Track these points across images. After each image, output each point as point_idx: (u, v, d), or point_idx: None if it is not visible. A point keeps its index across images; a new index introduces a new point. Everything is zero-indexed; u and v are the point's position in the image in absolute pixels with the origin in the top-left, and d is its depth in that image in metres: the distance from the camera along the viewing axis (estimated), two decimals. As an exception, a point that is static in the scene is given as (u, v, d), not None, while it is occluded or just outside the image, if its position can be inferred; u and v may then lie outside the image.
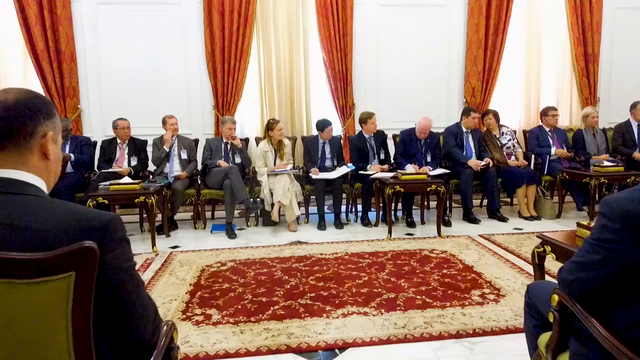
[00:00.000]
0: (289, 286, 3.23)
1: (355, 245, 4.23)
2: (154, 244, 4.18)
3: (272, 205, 4.71)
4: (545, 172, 5.49)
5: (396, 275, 3.44)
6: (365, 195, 5.01)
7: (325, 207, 5.15)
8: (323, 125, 5.10)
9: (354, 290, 3.13)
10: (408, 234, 4.66)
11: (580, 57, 6.60)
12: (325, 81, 6.16)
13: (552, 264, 3.18)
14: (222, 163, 4.85)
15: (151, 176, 4.99)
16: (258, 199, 4.92)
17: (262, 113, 6.07)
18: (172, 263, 3.81)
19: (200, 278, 3.43)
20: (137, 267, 3.61)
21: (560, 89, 6.78)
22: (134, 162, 4.96)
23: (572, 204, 5.59)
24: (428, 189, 4.52)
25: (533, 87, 6.69)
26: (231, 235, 4.54)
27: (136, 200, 4.08)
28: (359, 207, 5.19)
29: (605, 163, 4.95)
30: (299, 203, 4.90)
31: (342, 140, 5.68)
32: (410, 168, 4.81)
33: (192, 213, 5.13)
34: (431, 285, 3.23)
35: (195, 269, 3.65)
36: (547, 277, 2.65)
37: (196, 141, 5.35)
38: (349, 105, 6.20)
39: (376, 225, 4.96)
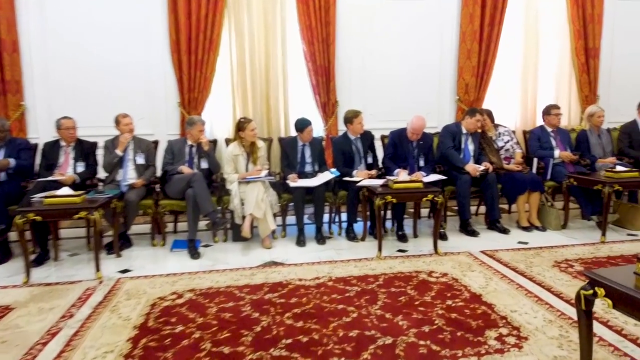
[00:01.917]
0: (259, 328, 2.58)
1: (340, 267, 3.60)
2: (98, 268, 3.47)
3: (243, 217, 4.05)
4: (549, 177, 4.96)
5: (392, 309, 2.82)
6: (351, 205, 4.39)
7: (306, 217, 4.53)
8: (302, 125, 4.45)
9: (341, 334, 2.50)
10: (400, 250, 4.06)
11: (581, 51, 6.10)
12: (305, 75, 5.51)
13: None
14: (184, 169, 4.15)
15: (101, 185, 4.27)
16: (227, 211, 4.26)
17: (234, 111, 5.39)
18: (118, 295, 3.11)
19: (149, 317, 2.75)
20: (73, 302, 2.94)
21: (559, 85, 6.27)
22: (80, 169, 4.22)
23: (574, 211, 5.06)
24: (424, 199, 3.92)
25: (530, 84, 6.16)
26: (194, 254, 3.87)
27: (76, 217, 3.37)
28: (344, 217, 4.57)
29: (618, 168, 4.43)
30: (274, 215, 4.26)
31: (324, 142, 5.04)
32: (402, 174, 4.19)
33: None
34: (436, 324, 2.62)
35: (144, 302, 2.96)
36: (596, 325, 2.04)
37: (156, 143, 4.64)
38: (332, 103, 5.56)
39: (363, 239, 4.34)
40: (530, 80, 6.15)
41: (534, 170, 4.93)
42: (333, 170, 4.44)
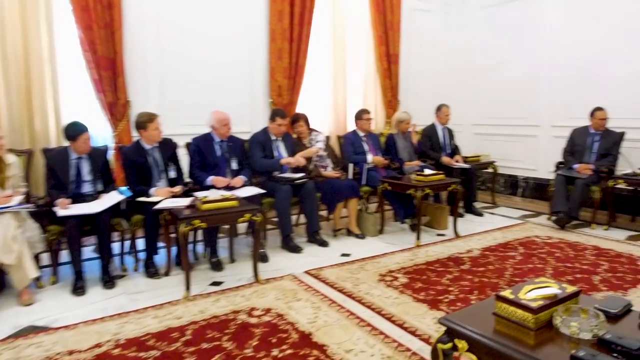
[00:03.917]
0: None
1: (134, 321, 2.72)
2: None
3: (-15, 266, 2.83)
4: (364, 182, 4.86)
5: (202, 380, 2.12)
6: (150, 232, 3.50)
7: (91, 249, 3.50)
8: (75, 131, 3.36)
9: None
10: (215, 283, 3.36)
11: (383, 57, 6.26)
12: (85, 69, 4.35)
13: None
14: None
15: None
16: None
17: (-26, 113, 3.93)
18: None
19: None
20: None
21: (366, 90, 6.36)
22: None
23: (388, 213, 5.07)
24: (240, 219, 3.28)
25: (340, 88, 6.09)
26: None
27: None
28: (142, 246, 3.65)
29: (427, 171, 4.53)
30: (37, 256, 3.11)
31: (112, 153, 4.01)
32: (219, 182, 3.48)
33: None
34: (261, 393, 2.02)
35: None
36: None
37: None
38: (122, 103, 4.52)
39: (167, 273, 3.51)
40: (340, 84, 6.07)
41: (350, 175, 4.77)
42: (123, 189, 3.49)
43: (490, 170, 6.11)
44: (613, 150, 4.74)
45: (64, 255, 3.43)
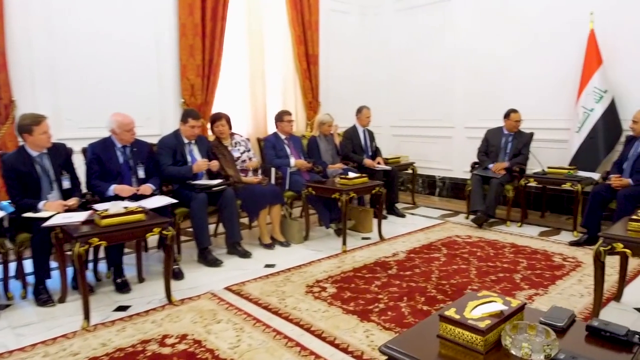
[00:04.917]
0: None
1: (16, 365, 2.27)
2: None
3: None
4: (287, 187, 4.64)
5: None
6: (40, 253, 2.98)
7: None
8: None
9: None
10: (120, 309, 2.94)
11: (302, 57, 6.09)
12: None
13: None
14: None
15: None
16: None
17: None
18: None
19: None
20: None
21: (285, 91, 6.14)
22: None
23: (312, 218, 4.89)
24: (148, 235, 2.90)
25: (259, 88, 5.81)
26: None
27: None
28: (29, 268, 3.12)
29: (351, 174, 4.41)
30: None
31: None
32: (116, 204, 3.04)
33: None
34: None
35: None
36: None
37: None
38: (5, 104, 3.89)
39: (62, 300, 3.02)
40: (259, 84, 5.79)
41: (273, 181, 4.53)
42: (4, 203, 2.96)
43: (409, 171, 6.18)
44: (524, 150, 4.95)
45: None
